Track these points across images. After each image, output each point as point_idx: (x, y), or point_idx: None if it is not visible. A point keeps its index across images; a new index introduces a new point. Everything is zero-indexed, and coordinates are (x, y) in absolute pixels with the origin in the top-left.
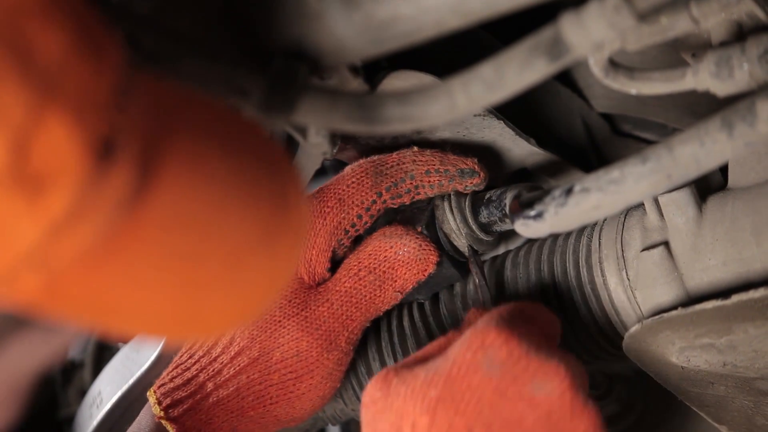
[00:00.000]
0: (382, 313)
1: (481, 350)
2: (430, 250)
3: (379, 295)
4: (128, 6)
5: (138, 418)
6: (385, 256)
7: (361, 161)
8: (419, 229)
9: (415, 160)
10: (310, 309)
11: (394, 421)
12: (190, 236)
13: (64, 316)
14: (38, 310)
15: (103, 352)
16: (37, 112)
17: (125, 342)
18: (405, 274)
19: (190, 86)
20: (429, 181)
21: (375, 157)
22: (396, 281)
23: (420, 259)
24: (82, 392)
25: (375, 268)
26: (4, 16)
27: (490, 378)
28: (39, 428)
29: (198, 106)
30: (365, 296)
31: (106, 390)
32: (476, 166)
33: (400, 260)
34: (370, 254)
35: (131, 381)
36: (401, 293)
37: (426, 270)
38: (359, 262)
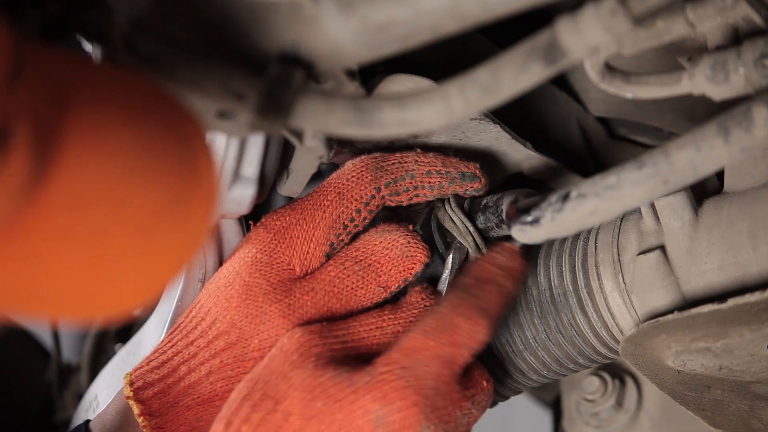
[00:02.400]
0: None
1: (380, 402)
2: (418, 248)
3: (361, 287)
4: (124, 11)
5: (110, 400)
6: (372, 250)
7: (363, 156)
8: (411, 227)
9: (417, 160)
10: (295, 296)
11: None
12: (96, 212)
13: None
14: None
15: (100, 356)
16: None
17: (39, 324)
18: (390, 270)
19: (86, 56)
20: (429, 182)
21: (377, 153)
22: (380, 276)
23: (407, 257)
24: (79, 396)
25: (361, 260)
26: None
27: None
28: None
29: (96, 76)
30: (347, 286)
31: (103, 394)
32: (478, 171)
33: (387, 255)
34: (358, 247)
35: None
36: (385, 290)
37: (413, 269)
38: (347, 253)
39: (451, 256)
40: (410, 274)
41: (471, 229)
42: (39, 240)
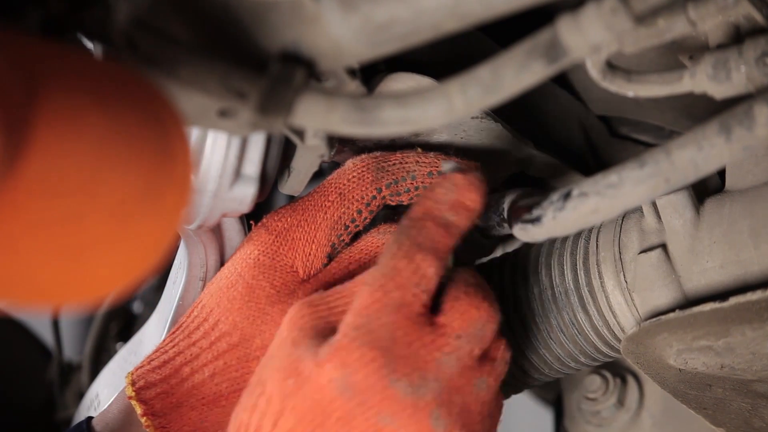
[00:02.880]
0: None
1: (340, 369)
2: None
3: None
4: (125, 9)
5: (112, 399)
6: (375, 251)
7: (364, 156)
8: None
9: (418, 161)
10: (297, 298)
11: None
12: (69, 199)
13: None
14: None
15: (101, 355)
16: None
17: (13, 312)
18: None
19: (56, 40)
20: (430, 183)
21: (378, 153)
22: None
23: None
24: (80, 394)
25: (365, 263)
26: None
27: (341, 401)
28: (37, 430)
29: (68, 61)
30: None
31: (104, 392)
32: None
33: None
34: (361, 249)
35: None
36: None
37: None
38: (350, 256)
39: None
40: None
41: None
42: (12, 227)
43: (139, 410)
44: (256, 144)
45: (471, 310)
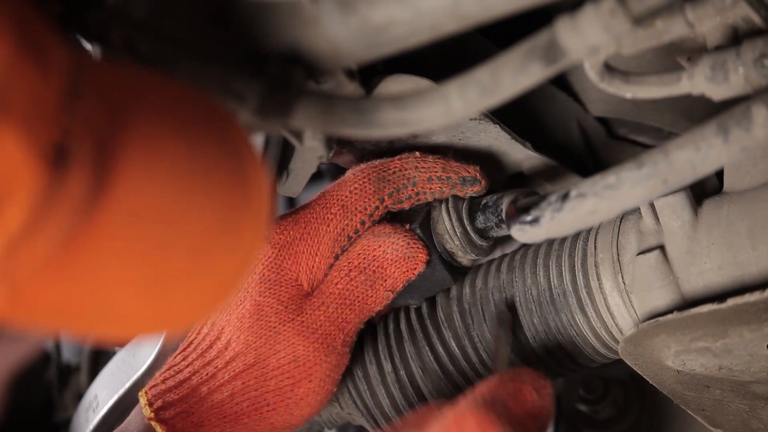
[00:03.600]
0: (374, 314)
1: None
2: (418, 247)
3: (371, 295)
4: (125, 11)
5: (127, 418)
6: (374, 255)
7: (363, 166)
8: (407, 227)
9: (417, 167)
10: (306, 314)
11: None
12: (152, 229)
13: (30, 324)
14: (5, 320)
15: (100, 356)
16: None
17: (99, 345)
18: (395, 272)
19: (140, 69)
20: (430, 188)
21: (377, 162)
22: (386, 280)
23: (409, 257)
24: (79, 396)
25: (365, 268)
26: None
27: None
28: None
29: (153, 89)
30: (358, 297)
31: (102, 394)
32: (478, 174)
33: (389, 258)
34: (359, 254)
35: (127, 385)
36: (392, 292)
37: (416, 268)
38: (349, 263)
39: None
40: (413, 273)
41: (459, 231)
42: (95, 257)
43: (160, 431)
44: (255, 145)
45: None
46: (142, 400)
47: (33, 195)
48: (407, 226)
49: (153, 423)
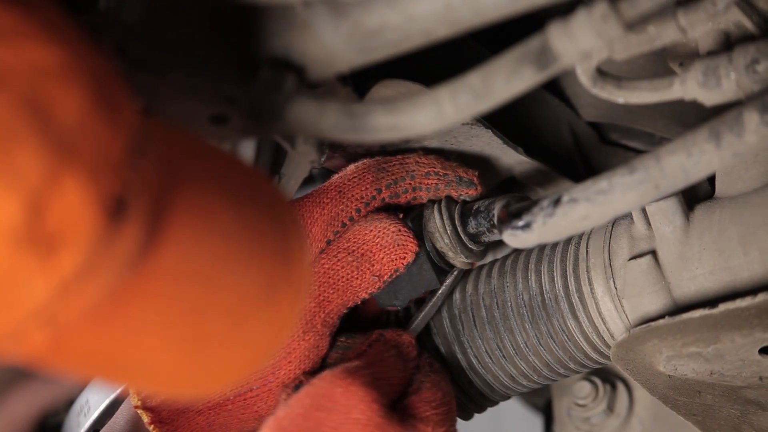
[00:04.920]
0: (359, 300)
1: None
2: (408, 236)
3: (357, 277)
4: (117, 15)
5: (118, 410)
6: (364, 239)
7: (365, 159)
8: (401, 216)
9: (417, 162)
10: None
11: None
12: (196, 289)
13: (68, 370)
14: (43, 363)
15: None
16: (54, 174)
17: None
18: (383, 258)
19: (197, 136)
20: (427, 184)
21: (377, 156)
22: (374, 264)
23: (398, 244)
24: (70, 401)
25: (354, 250)
26: (26, 77)
27: None
28: None
29: (205, 154)
30: (342, 277)
31: (94, 398)
32: (475, 178)
33: (379, 243)
34: (349, 237)
35: (118, 390)
36: (379, 279)
37: (405, 257)
38: (339, 245)
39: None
40: (402, 263)
41: (449, 230)
42: (138, 311)
43: (146, 419)
44: (247, 150)
45: None
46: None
47: (89, 243)
48: (400, 215)
49: (139, 411)
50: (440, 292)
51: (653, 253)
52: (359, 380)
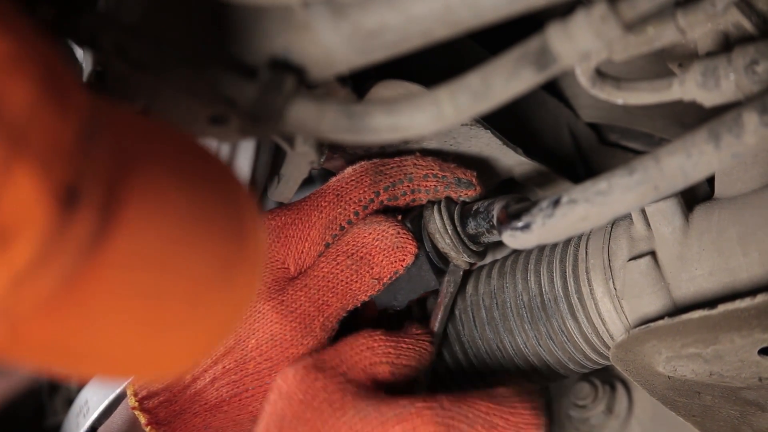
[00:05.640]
0: (359, 303)
1: None
2: (407, 238)
3: (356, 281)
4: (116, 16)
5: (115, 411)
6: (363, 242)
7: (363, 162)
8: (399, 217)
9: (415, 164)
10: (287, 293)
11: None
12: (152, 274)
13: (25, 360)
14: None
15: None
16: (4, 165)
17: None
18: (382, 261)
19: (148, 114)
20: (426, 186)
21: (375, 159)
22: (373, 267)
23: (398, 247)
24: (69, 401)
25: (353, 254)
26: None
27: None
28: None
29: (158, 136)
30: (342, 281)
31: (93, 399)
32: (474, 179)
33: (378, 246)
34: (348, 240)
35: (117, 390)
36: (378, 282)
37: (404, 259)
38: (338, 248)
39: (446, 279)
40: (401, 265)
41: (450, 229)
42: (94, 299)
43: (143, 420)
44: (246, 151)
45: None
46: (129, 390)
47: (42, 234)
48: (399, 217)
49: (137, 412)
50: (450, 291)
51: (652, 254)
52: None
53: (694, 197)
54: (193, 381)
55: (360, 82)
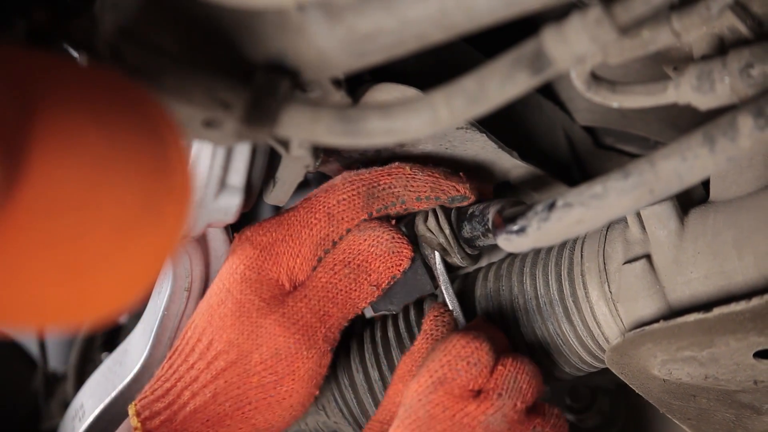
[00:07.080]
0: (360, 311)
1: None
2: (403, 243)
3: (355, 289)
4: (111, 19)
5: (117, 430)
6: (359, 249)
7: (353, 176)
8: (393, 222)
9: (406, 186)
10: (288, 306)
11: None
12: (70, 217)
13: None
14: None
15: (86, 365)
16: None
17: (21, 334)
18: (379, 267)
19: (51, 52)
20: (419, 206)
21: (366, 175)
22: (371, 274)
23: (394, 252)
24: (65, 405)
25: (350, 262)
26: None
27: None
28: None
29: (65, 75)
30: (341, 290)
31: (89, 403)
32: (467, 192)
33: (374, 252)
34: (344, 249)
35: (113, 394)
36: (377, 288)
37: (401, 264)
38: (334, 258)
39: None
40: (398, 270)
41: (447, 232)
42: (13, 249)
43: None
44: (242, 154)
45: (504, 367)
46: (131, 411)
47: None
48: (393, 222)
49: None
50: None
51: (648, 257)
52: None
53: (690, 200)
54: (192, 397)
55: (355, 86)
